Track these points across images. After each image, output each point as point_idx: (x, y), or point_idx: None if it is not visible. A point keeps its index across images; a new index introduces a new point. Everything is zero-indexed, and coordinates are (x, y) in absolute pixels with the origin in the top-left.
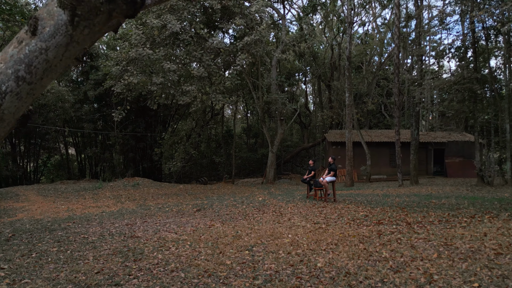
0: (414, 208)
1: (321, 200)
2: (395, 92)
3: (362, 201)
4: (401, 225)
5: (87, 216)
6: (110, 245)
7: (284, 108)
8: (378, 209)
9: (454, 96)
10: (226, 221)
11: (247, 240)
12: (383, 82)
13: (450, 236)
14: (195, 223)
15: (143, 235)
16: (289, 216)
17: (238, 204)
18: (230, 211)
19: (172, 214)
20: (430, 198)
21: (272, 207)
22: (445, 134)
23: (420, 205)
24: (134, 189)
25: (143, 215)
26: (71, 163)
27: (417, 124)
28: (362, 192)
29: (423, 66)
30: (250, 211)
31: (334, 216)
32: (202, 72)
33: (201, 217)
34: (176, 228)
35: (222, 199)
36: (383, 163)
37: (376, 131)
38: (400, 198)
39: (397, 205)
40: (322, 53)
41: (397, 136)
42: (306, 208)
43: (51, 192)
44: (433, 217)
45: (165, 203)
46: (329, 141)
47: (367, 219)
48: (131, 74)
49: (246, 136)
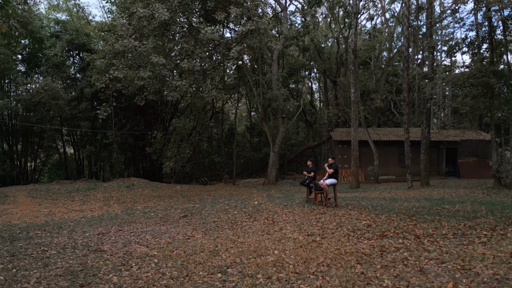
0: (424, 216)
1: (321, 205)
2: (404, 88)
3: (367, 206)
4: (409, 238)
5: (64, 222)
6: (66, 261)
7: (286, 105)
8: (383, 217)
9: (469, 91)
10: (209, 230)
11: (225, 257)
12: (393, 78)
13: (468, 256)
14: (174, 233)
15: (110, 248)
16: (281, 225)
17: (230, 209)
18: (218, 217)
19: (155, 221)
20: (442, 203)
21: (266, 213)
22: (458, 132)
23: (431, 212)
24: (128, 190)
25: (122, 222)
26: (69, 163)
27: (428, 121)
28: (368, 195)
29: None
30: (240, 218)
31: (332, 226)
32: (194, 66)
33: (184, 225)
34: (150, 240)
35: (216, 203)
36: (391, 163)
37: (385, 130)
38: (409, 202)
39: (405, 211)
40: (328, 48)
41: (406, 135)
42: (303, 214)
43: (42, 193)
44: (446, 228)
45: (154, 206)
46: (335, 140)
47: (370, 230)
48: (117, 68)
49: (250, 134)
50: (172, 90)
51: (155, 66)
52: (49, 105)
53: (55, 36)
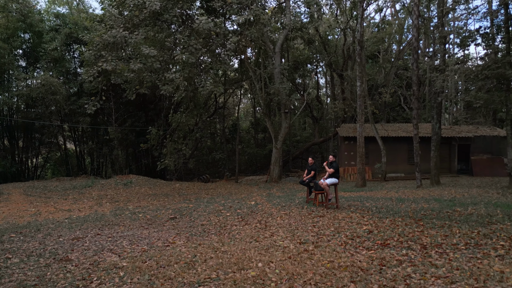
0: (432, 221)
1: (321, 206)
2: (414, 81)
3: (370, 207)
4: (414, 249)
5: (45, 223)
6: (24, 273)
7: (289, 100)
8: (387, 221)
9: (483, 84)
10: (194, 236)
11: (200, 271)
12: (403, 72)
13: (482, 274)
14: (155, 238)
15: (78, 256)
16: (273, 230)
17: (224, 210)
18: (208, 220)
19: (140, 224)
20: (453, 204)
21: (260, 216)
22: (472, 128)
23: (441, 215)
24: (124, 188)
25: (105, 224)
26: (70, 159)
27: (438, 116)
28: (374, 194)
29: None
30: (231, 221)
31: (329, 232)
32: (188, 58)
33: (169, 228)
34: (125, 247)
35: (211, 202)
36: (400, 160)
37: (394, 125)
38: (417, 203)
39: (412, 214)
40: (334, 41)
41: (415, 131)
42: (299, 217)
43: (38, 191)
44: (457, 236)
45: (146, 206)
46: (341, 136)
47: (370, 237)
48: (106, 60)
49: (254, 130)
50: (165, 84)
51: (147, 58)
52: (47, 100)
53: (54, 30)
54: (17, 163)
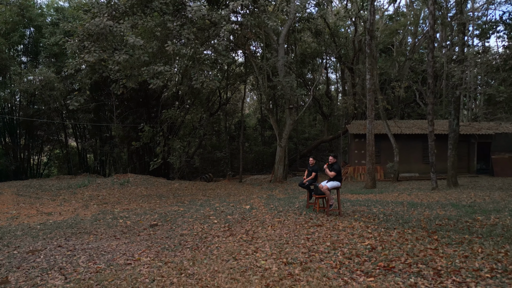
0: (449, 234)
1: (321, 212)
2: (429, 73)
3: (378, 214)
4: (425, 276)
5: (15, 229)
6: None
7: (293, 95)
8: (395, 233)
9: (507, 75)
10: (165, 250)
11: None
12: (418, 66)
13: None
14: (120, 252)
15: (19, 277)
16: (259, 244)
17: (214, 215)
18: (190, 229)
19: (114, 232)
20: (473, 211)
21: (249, 224)
22: (492, 124)
23: (459, 226)
24: (120, 188)
25: (76, 233)
26: (72, 157)
27: (456, 112)
28: (384, 197)
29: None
30: (215, 231)
31: (324, 247)
32: (180, 48)
33: (142, 239)
34: (80, 264)
35: (204, 205)
36: (414, 159)
37: (408, 122)
38: (431, 210)
39: (425, 225)
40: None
41: (430, 127)
42: (294, 226)
43: (31, 190)
44: (480, 258)
45: (134, 209)
46: (351, 133)
47: (372, 256)
48: (88, 51)
49: (261, 128)
50: (154, 77)
51: (134, 50)
52: (45, 96)
53: (54, 24)
54: (18, 161)
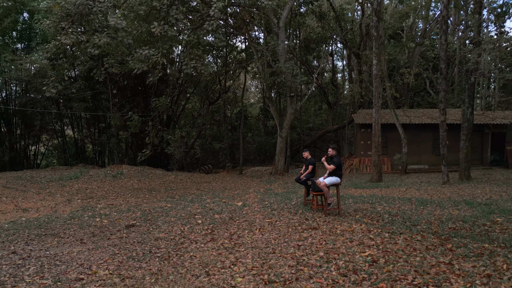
0: (466, 243)
1: (319, 211)
2: (442, 57)
3: (382, 214)
4: None
5: None
6: None
7: (294, 81)
8: (401, 239)
9: None
10: (130, 260)
11: None
12: (429, 53)
13: None
14: (78, 263)
15: None
16: (241, 254)
17: (200, 214)
18: (168, 232)
19: (84, 233)
20: (490, 211)
21: (235, 226)
22: (508, 113)
23: (476, 231)
24: (111, 180)
25: (40, 235)
26: (69, 147)
27: (471, 100)
28: (390, 192)
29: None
30: (195, 235)
31: (316, 259)
32: (168, 30)
33: (110, 244)
34: (24, 279)
35: (194, 201)
36: (424, 150)
37: (417, 111)
38: (442, 208)
39: (437, 229)
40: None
41: (442, 117)
42: (286, 229)
43: (21, 182)
44: (507, 278)
45: (118, 205)
46: (357, 122)
47: (373, 273)
48: (65, 32)
49: (264, 117)
50: (139, 61)
51: (117, 32)
52: (37, 84)
53: (47, 9)
54: (14, 152)
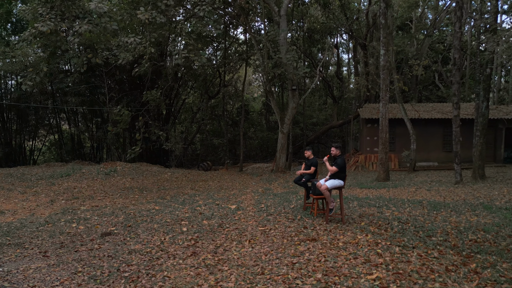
0: (492, 261)
1: (320, 216)
2: (455, 46)
3: (391, 221)
4: None
5: None
6: None
7: (296, 74)
8: (415, 256)
9: None
10: (90, 282)
11: None
12: (439, 46)
13: None
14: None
15: None
16: (223, 274)
17: (187, 219)
18: (146, 243)
19: (52, 243)
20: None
21: (223, 237)
22: None
23: (502, 244)
24: (103, 178)
25: (5, 244)
26: (65, 143)
27: (486, 93)
28: (398, 193)
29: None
30: (175, 248)
31: (311, 284)
32: (156, 16)
33: (76, 259)
34: None
35: (186, 203)
36: (433, 146)
37: (426, 105)
38: (458, 214)
39: (455, 240)
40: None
41: (456, 111)
42: (281, 240)
43: (10, 180)
44: None
45: (103, 207)
46: (363, 117)
47: None
48: (43, 19)
49: (266, 112)
50: (124, 50)
51: (100, 18)
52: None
53: None
54: (9, 147)
